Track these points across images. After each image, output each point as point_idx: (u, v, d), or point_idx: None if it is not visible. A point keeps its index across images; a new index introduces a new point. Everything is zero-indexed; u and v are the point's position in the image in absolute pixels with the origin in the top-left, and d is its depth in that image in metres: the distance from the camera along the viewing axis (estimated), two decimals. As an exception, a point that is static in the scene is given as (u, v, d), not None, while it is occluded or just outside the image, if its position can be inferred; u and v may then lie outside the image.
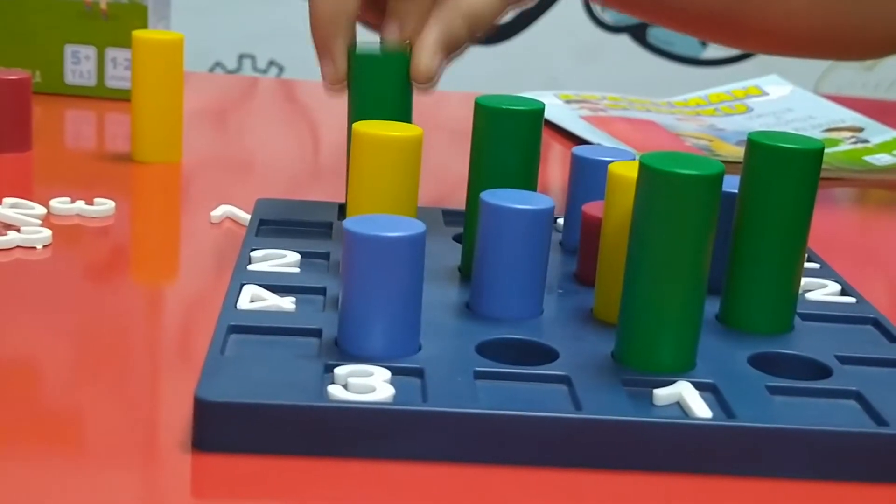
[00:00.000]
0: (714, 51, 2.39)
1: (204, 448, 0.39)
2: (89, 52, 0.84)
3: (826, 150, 0.81)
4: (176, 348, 0.47)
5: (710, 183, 0.42)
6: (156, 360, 0.46)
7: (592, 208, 0.51)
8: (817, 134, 0.87)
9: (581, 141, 0.82)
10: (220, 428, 0.39)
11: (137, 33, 0.69)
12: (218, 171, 0.72)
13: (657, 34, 2.37)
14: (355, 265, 0.42)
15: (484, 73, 2.31)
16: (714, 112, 0.92)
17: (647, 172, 0.42)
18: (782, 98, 0.94)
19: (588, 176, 0.55)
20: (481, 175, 0.51)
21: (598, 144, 0.79)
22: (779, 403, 0.42)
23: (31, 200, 0.61)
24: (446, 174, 0.73)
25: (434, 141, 0.82)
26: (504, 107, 0.50)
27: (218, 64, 2.30)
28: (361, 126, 0.50)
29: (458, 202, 0.57)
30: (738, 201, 0.48)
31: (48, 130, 0.77)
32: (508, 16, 0.61)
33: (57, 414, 0.41)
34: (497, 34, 2.34)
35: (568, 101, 0.91)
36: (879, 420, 0.41)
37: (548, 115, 0.87)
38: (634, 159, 0.55)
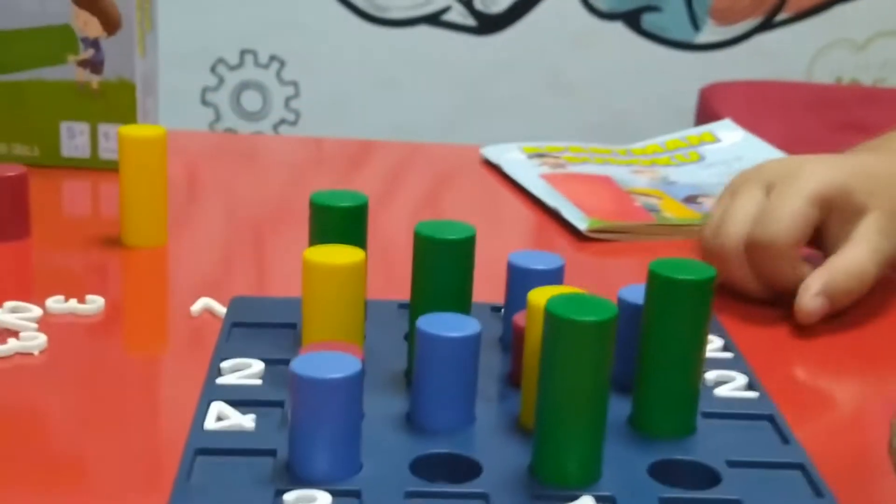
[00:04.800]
0: (707, 35, 2.44)
1: (171, 572, 0.46)
2: (83, 127, 0.91)
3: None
4: (159, 451, 0.54)
5: (603, 328, 0.48)
6: (148, 458, 0.53)
7: (522, 318, 0.58)
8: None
9: (538, 201, 0.89)
10: (184, 555, 0.46)
11: (123, 130, 0.76)
12: (200, 254, 0.79)
13: (651, 20, 2.42)
14: (299, 403, 0.49)
15: (481, 61, 2.37)
16: (669, 161, 0.98)
17: (550, 318, 0.49)
18: (734, 145, 1.00)
19: (521, 283, 0.61)
20: (420, 296, 0.57)
21: (555, 209, 0.86)
22: (669, 516, 0.49)
23: (28, 300, 0.67)
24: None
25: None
26: (438, 237, 0.57)
27: (220, 60, 2.36)
28: (311, 253, 0.57)
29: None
30: (643, 318, 0.54)
31: (46, 211, 0.83)
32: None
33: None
34: (493, 24, 2.39)
35: (531, 157, 0.97)
36: (753, 531, 0.48)
37: (509, 171, 0.94)
38: (561, 265, 0.61)
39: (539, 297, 0.54)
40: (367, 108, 2.39)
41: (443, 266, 0.57)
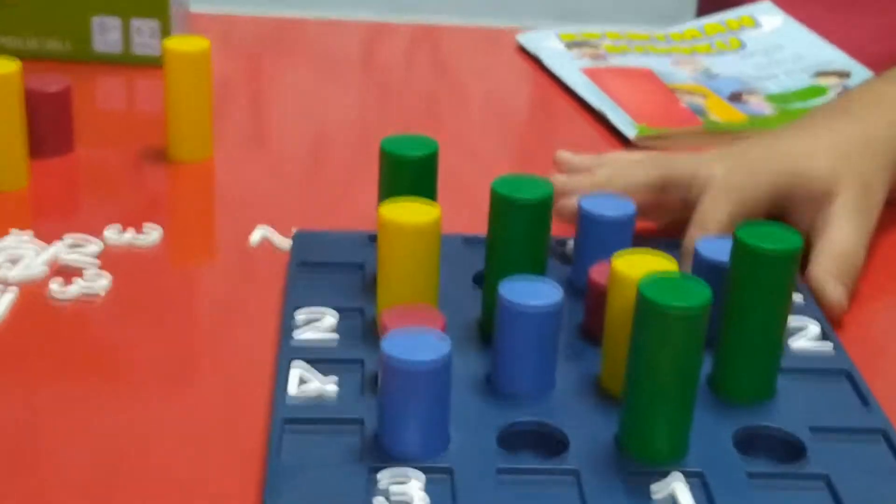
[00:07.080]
0: None
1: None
2: (115, 22, 0.89)
3: (812, 102, 0.87)
4: (239, 393, 0.55)
5: (697, 318, 0.48)
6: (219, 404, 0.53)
7: (598, 273, 0.58)
8: (806, 79, 0.91)
9: (580, 99, 0.88)
10: (285, 541, 0.47)
11: (168, 43, 0.74)
12: (247, 170, 0.77)
13: None
14: (392, 385, 0.49)
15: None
16: (709, 48, 0.96)
17: (644, 302, 0.49)
18: (774, 32, 0.98)
19: (592, 230, 0.61)
20: (496, 254, 0.57)
21: (601, 111, 0.85)
22: (757, 491, 0.50)
23: (84, 230, 0.67)
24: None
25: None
26: (515, 196, 0.56)
27: None
28: (387, 210, 0.56)
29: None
30: (728, 284, 0.54)
31: (86, 116, 0.81)
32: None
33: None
34: None
35: (569, 46, 0.95)
36: (842, 509, 0.49)
37: (549, 62, 0.93)
38: (632, 213, 0.61)
39: (624, 265, 0.53)
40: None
41: (519, 225, 0.56)
